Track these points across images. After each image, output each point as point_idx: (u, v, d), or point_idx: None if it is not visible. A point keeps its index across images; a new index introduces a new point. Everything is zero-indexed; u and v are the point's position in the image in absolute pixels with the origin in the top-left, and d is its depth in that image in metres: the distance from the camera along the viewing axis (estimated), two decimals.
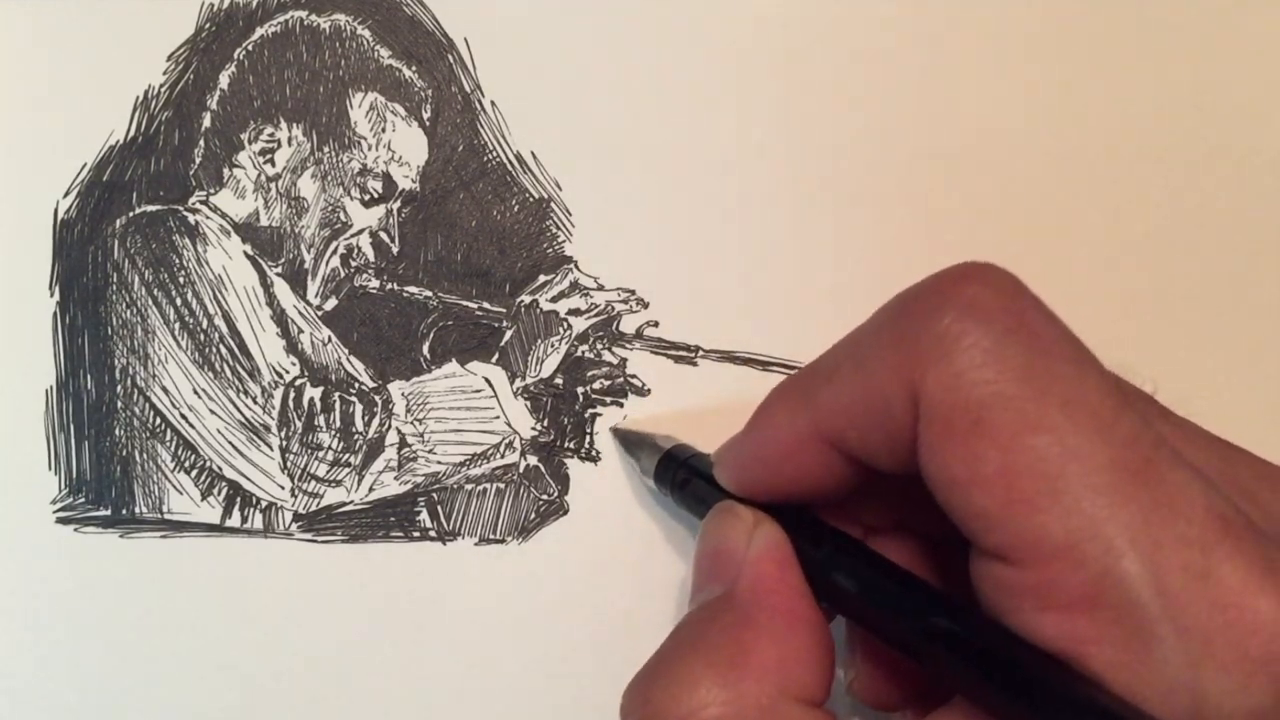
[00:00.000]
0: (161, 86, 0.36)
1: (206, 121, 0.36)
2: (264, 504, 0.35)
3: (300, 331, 0.36)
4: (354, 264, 0.36)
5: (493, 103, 0.36)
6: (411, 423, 0.35)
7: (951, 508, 0.21)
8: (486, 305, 0.36)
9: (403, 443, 0.35)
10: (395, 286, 0.36)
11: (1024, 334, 0.20)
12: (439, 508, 0.35)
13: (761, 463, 0.26)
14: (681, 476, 0.30)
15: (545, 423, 0.35)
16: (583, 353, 0.35)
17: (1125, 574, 0.19)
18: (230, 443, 0.35)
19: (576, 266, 0.36)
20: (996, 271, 0.22)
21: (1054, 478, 0.19)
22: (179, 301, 0.35)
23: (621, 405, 0.35)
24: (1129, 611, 0.19)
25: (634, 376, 0.35)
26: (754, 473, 0.26)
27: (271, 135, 0.36)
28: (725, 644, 0.23)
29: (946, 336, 0.20)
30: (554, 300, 0.36)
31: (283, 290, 0.36)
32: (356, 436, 0.35)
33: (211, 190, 0.36)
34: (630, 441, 0.34)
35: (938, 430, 0.21)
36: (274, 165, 0.36)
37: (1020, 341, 0.20)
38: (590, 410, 0.35)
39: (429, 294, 0.36)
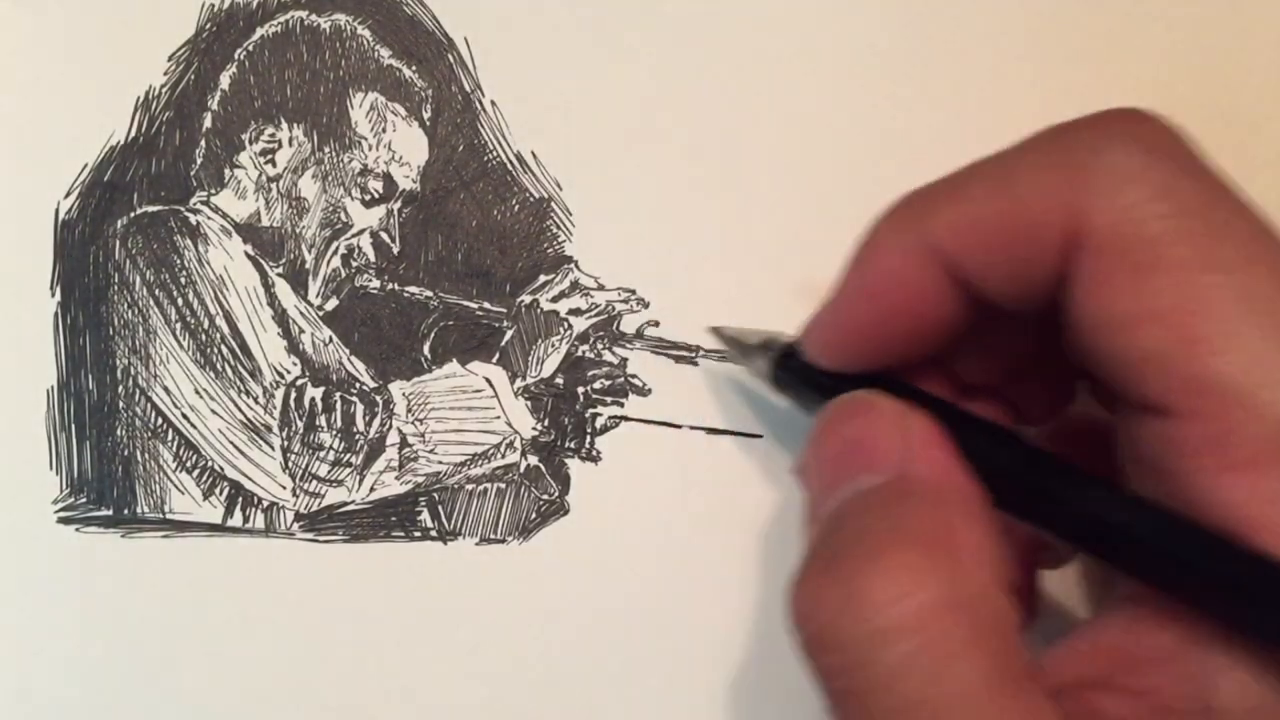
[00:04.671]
0: (162, 87, 0.36)
1: (207, 122, 0.36)
2: (265, 504, 0.35)
3: (301, 332, 0.36)
4: (355, 264, 0.36)
5: (493, 102, 0.36)
6: (412, 423, 0.35)
7: (1112, 351, 0.19)
8: (487, 305, 0.36)
9: (404, 443, 0.35)
10: (396, 286, 0.36)
11: (1199, 175, 0.19)
12: (440, 507, 0.35)
13: (864, 300, 0.23)
14: (810, 378, 0.27)
15: (546, 423, 0.35)
16: (583, 353, 0.36)
17: None
18: (232, 443, 0.35)
19: (577, 266, 0.36)
20: (1162, 118, 0.20)
21: (1233, 319, 0.18)
22: (180, 302, 0.35)
23: (622, 405, 0.35)
24: None
25: (634, 376, 0.35)
26: (855, 319, 0.24)
27: (272, 135, 0.36)
28: (927, 527, 0.20)
29: (1119, 168, 0.19)
30: (554, 300, 0.36)
31: (284, 290, 0.36)
32: (358, 436, 0.35)
33: (212, 190, 0.36)
34: (734, 342, 0.32)
35: (1107, 262, 0.19)
36: (275, 165, 0.36)
37: (1196, 181, 0.19)
38: (591, 410, 0.35)
39: (430, 294, 0.36)
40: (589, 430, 0.35)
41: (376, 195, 0.36)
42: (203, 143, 0.36)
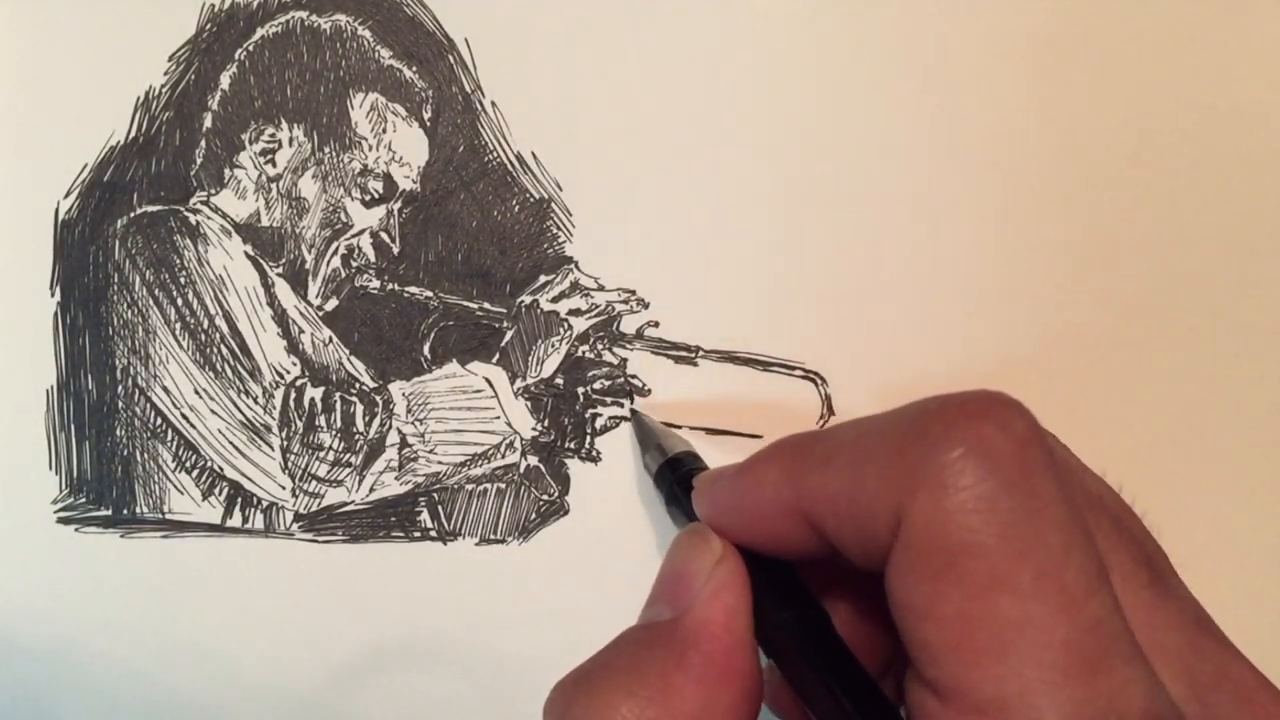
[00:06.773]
0: (163, 87, 0.36)
1: (207, 122, 0.36)
2: (265, 504, 0.35)
3: (301, 332, 0.36)
4: (355, 264, 0.36)
5: (493, 103, 0.36)
6: (412, 423, 0.35)
7: (903, 629, 0.21)
8: (487, 305, 0.36)
9: (403, 443, 0.35)
10: (396, 287, 0.36)
11: (1023, 490, 0.21)
12: (439, 508, 0.35)
13: (740, 514, 0.26)
14: (677, 490, 0.30)
15: (546, 423, 0.35)
16: (583, 353, 0.36)
17: None
18: (231, 443, 0.35)
19: (577, 267, 0.36)
20: (1015, 412, 0.22)
21: (1005, 640, 0.20)
22: (180, 302, 0.35)
23: (622, 405, 0.35)
24: None
25: (634, 376, 0.35)
26: (730, 519, 0.26)
27: (272, 136, 0.36)
28: (654, 678, 0.23)
29: (947, 471, 0.21)
30: (554, 300, 0.36)
31: (284, 290, 0.36)
32: (357, 437, 0.35)
33: (212, 191, 0.36)
34: (643, 431, 0.34)
35: (910, 558, 0.21)
36: (275, 166, 0.36)
37: (1016, 497, 0.20)
38: (591, 410, 0.35)
39: (430, 294, 0.36)
40: (589, 430, 0.35)
41: (376, 195, 0.36)
42: (203, 143, 0.36)
